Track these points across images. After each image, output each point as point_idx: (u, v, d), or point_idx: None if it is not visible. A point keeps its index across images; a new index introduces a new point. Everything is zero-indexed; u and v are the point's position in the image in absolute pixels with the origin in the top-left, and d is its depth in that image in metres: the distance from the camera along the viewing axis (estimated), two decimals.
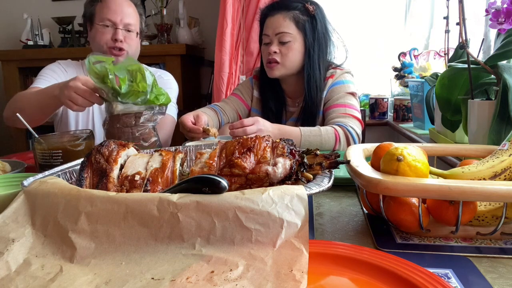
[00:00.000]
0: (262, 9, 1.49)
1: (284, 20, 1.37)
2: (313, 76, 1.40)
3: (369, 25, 2.55)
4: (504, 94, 0.92)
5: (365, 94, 2.52)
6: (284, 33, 1.36)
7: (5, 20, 2.95)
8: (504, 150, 0.65)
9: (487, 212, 0.62)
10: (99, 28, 1.42)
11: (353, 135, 1.30)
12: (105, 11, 1.41)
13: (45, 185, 0.56)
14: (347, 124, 1.31)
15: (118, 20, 1.42)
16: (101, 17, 1.41)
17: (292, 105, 1.53)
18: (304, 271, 0.44)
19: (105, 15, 1.41)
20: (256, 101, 1.57)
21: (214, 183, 0.50)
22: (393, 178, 0.57)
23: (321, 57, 1.41)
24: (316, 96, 1.41)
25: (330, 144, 1.26)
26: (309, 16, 1.38)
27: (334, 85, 1.42)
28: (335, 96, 1.40)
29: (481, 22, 1.76)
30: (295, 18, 1.37)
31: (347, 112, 1.36)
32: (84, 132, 0.98)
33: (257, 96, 1.57)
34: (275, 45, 1.38)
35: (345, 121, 1.33)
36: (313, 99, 1.41)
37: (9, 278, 0.46)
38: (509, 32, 0.96)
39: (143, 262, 0.48)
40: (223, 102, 1.59)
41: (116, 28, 1.42)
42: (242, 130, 1.17)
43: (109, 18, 1.41)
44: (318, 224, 0.69)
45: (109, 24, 1.42)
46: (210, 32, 2.71)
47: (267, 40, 1.41)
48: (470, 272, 0.51)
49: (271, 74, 1.42)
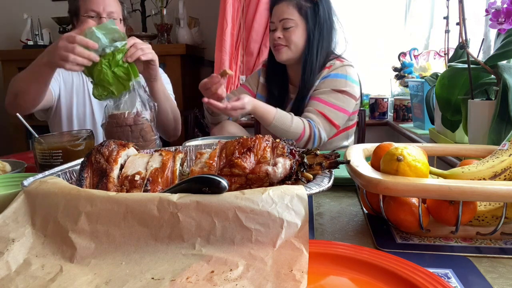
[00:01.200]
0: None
1: (288, 8, 1.42)
2: (309, 60, 1.43)
3: (369, 25, 2.55)
4: (504, 94, 0.92)
5: (365, 94, 2.51)
6: (287, 19, 1.41)
7: (5, 20, 2.95)
8: (504, 150, 0.65)
9: (487, 212, 0.62)
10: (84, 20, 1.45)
11: (316, 139, 1.34)
12: (88, 3, 1.47)
13: (45, 185, 0.56)
14: (317, 127, 1.34)
15: (101, 10, 1.47)
16: (85, 8, 1.47)
17: (293, 91, 1.56)
18: (304, 271, 0.44)
19: (88, 6, 1.47)
20: (261, 87, 1.62)
21: (214, 183, 0.50)
22: (393, 178, 0.57)
23: (321, 43, 1.44)
24: (309, 80, 1.44)
25: (293, 136, 1.31)
26: (312, 3, 1.42)
27: (327, 77, 1.42)
28: (322, 89, 1.41)
29: (481, 22, 1.76)
30: (298, 5, 1.41)
31: (324, 111, 1.37)
32: (84, 132, 0.98)
33: (262, 82, 1.61)
34: (279, 31, 1.44)
35: (318, 121, 1.36)
36: (306, 84, 1.44)
37: (9, 278, 0.46)
38: (509, 32, 0.96)
39: (143, 262, 0.48)
40: (231, 93, 1.64)
41: (101, 17, 1.47)
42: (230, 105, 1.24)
43: (92, 9, 1.47)
44: (318, 224, 0.69)
45: (93, 14, 1.47)
46: (210, 32, 2.71)
47: (273, 27, 1.47)
48: (470, 272, 0.51)
49: (279, 57, 1.46)
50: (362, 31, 2.55)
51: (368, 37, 2.55)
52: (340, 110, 1.39)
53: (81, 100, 1.58)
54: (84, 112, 1.58)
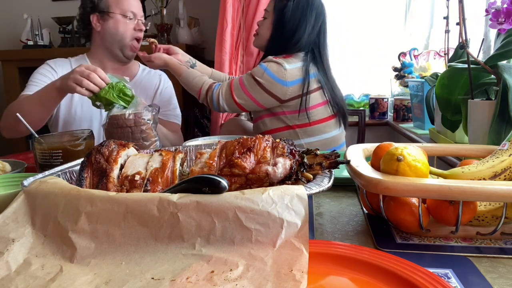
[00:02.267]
0: None
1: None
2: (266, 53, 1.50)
3: (369, 25, 2.55)
4: (504, 94, 0.92)
5: (365, 94, 2.52)
6: (265, 10, 1.53)
7: (5, 20, 2.95)
8: (504, 150, 0.65)
9: (487, 212, 0.62)
10: (122, 20, 1.48)
11: (214, 99, 1.44)
12: (126, 4, 1.49)
13: (45, 185, 0.56)
14: (218, 89, 1.44)
15: (139, 12, 1.52)
16: (124, 8, 1.48)
17: None
18: (304, 271, 0.44)
19: (126, 7, 1.49)
20: None
21: (214, 183, 0.50)
22: (393, 178, 0.57)
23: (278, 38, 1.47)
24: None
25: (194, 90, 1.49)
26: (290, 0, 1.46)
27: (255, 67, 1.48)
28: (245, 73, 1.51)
29: (481, 22, 1.76)
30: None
31: (233, 84, 1.45)
32: (84, 132, 0.98)
33: None
34: (260, 19, 1.55)
35: (222, 86, 1.45)
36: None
37: (9, 278, 0.46)
38: (509, 32, 0.96)
39: (143, 262, 0.48)
40: None
41: (138, 19, 1.51)
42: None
43: (132, 11, 1.49)
44: (318, 224, 0.69)
45: (131, 16, 1.49)
46: (210, 32, 2.71)
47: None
48: (470, 272, 0.51)
49: (253, 43, 1.62)
50: (362, 31, 2.55)
51: (368, 37, 2.55)
52: (246, 93, 1.43)
53: (80, 102, 1.57)
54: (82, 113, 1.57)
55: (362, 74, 2.57)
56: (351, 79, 2.54)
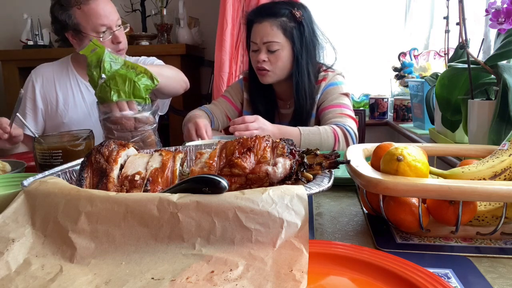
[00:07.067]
0: (248, 13, 1.46)
1: (272, 29, 1.34)
2: (301, 82, 1.39)
3: (369, 25, 2.55)
4: (504, 94, 0.92)
5: (365, 94, 2.52)
6: (272, 42, 1.35)
7: (5, 20, 2.94)
8: (504, 150, 0.65)
9: (487, 212, 0.62)
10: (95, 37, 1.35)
11: (352, 134, 1.30)
12: (94, 18, 1.35)
13: (45, 185, 0.56)
14: (345, 124, 1.32)
15: (111, 22, 1.38)
16: (94, 25, 1.36)
17: (283, 107, 1.53)
18: (304, 271, 0.44)
19: (96, 21, 1.35)
20: (246, 103, 1.56)
21: (214, 183, 0.50)
22: (393, 178, 0.57)
23: (310, 62, 1.41)
24: (305, 102, 1.41)
25: (329, 143, 1.27)
26: (297, 22, 1.36)
27: (328, 87, 1.43)
28: (330, 98, 1.41)
29: (481, 22, 1.76)
30: (283, 26, 1.35)
31: (343, 112, 1.37)
32: (84, 132, 0.98)
33: (247, 97, 1.56)
34: (263, 53, 1.37)
35: (342, 120, 1.34)
36: (302, 106, 1.42)
37: (9, 278, 0.46)
38: (509, 32, 0.96)
39: (143, 262, 0.48)
40: (213, 104, 1.58)
41: (113, 31, 1.39)
42: (244, 126, 1.18)
43: (103, 23, 1.37)
44: (318, 224, 0.69)
45: (104, 29, 1.38)
46: (210, 32, 2.71)
47: (255, 48, 1.39)
48: (470, 272, 0.51)
49: (264, 81, 1.42)
50: (362, 31, 2.55)
51: (368, 37, 2.55)
52: (351, 109, 1.42)
53: (80, 102, 1.56)
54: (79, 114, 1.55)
55: (362, 74, 2.57)
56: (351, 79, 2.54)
